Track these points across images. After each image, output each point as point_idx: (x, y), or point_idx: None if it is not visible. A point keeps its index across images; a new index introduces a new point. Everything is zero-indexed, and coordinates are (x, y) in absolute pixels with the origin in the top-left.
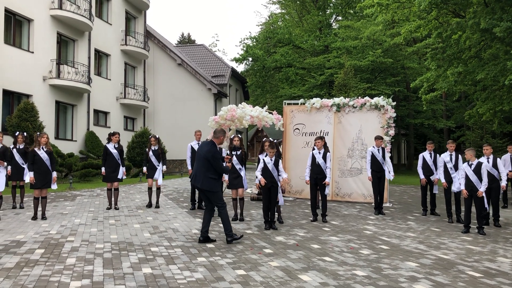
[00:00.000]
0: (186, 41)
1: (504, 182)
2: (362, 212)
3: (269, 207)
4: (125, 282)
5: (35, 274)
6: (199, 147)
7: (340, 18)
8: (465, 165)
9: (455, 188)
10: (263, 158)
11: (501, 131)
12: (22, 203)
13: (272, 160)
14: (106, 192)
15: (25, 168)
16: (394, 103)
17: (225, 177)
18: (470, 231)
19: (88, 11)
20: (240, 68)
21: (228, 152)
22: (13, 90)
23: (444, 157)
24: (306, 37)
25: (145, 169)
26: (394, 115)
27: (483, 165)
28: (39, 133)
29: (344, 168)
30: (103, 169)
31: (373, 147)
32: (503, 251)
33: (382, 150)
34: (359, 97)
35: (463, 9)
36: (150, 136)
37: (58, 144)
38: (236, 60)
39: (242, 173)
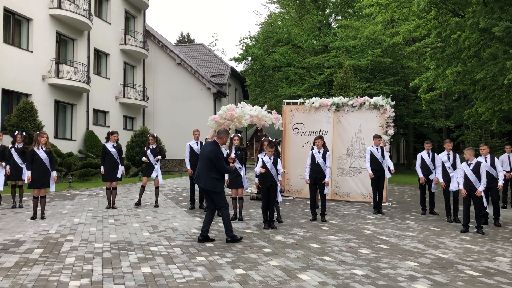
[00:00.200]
0: (185, 41)
1: (501, 182)
2: (361, 211)
3: (268, 206)
4: (124, 282)
5: (34, 273)
6: (202, 147)
7: (339, 17)
8: (464, 164)
9: (453, 187)
10: (262, 157)
11: (500, 131)
12: (21, 202)
13: (271, 159)
14: (105, 191)
15: (23, 168)
16: (393, 103)
17: (226, 176)
18: (469, 230)
19: (87, 11)
20: (240, 67)
21: (228, 151)
22: (12, 89)
23: (442, 156)
24: (306, 37)
25: (144, 158)
26: (393, 114)
27: (482, 164)
28: (38, 132)
29: (343, 168)
30: (102, 168)
31: (372, 146)
32: (502, 251)
33: (381, 149)
34: (358, 97)
35: (462, 8)
36: (149, 135)
37: (57, 143)
38: (236, 59)
39: (242, 172)
